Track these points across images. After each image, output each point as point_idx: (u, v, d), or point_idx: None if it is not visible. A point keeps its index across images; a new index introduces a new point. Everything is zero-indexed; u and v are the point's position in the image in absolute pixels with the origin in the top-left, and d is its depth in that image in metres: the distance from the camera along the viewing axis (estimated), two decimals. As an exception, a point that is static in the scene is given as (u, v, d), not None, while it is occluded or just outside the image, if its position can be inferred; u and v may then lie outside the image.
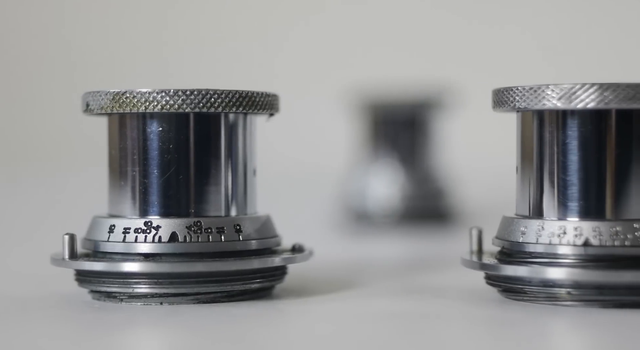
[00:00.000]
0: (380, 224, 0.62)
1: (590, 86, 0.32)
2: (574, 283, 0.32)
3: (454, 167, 0.69)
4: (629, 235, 0.32)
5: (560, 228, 0.32)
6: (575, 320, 0.31)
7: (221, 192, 0.34)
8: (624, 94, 0.32)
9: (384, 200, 0.63)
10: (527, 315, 0.32)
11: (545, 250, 0.33)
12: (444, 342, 0.29)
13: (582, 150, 0.33)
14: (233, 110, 0.33)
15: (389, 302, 0.34)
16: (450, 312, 0.33)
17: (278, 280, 0.35)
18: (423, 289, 0.37)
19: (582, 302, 0.32)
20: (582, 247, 0.32)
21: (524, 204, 0.34)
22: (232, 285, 0.33)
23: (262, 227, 0.34)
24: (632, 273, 0.31)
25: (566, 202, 0.33)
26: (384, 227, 0.62)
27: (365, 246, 0.56)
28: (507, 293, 0.34)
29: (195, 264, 0.32)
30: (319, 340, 0.29)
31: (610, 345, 0.29)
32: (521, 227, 0.33)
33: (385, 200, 0.63)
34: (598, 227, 0.32)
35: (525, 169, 0.34)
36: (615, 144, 0.32)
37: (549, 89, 0.32)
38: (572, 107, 0.32)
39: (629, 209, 0.32)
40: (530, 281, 0.33)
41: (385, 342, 0.29)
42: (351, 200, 0.64)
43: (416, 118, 0.64)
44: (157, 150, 0.33)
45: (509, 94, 0.34)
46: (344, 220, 0.64)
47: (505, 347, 0.28)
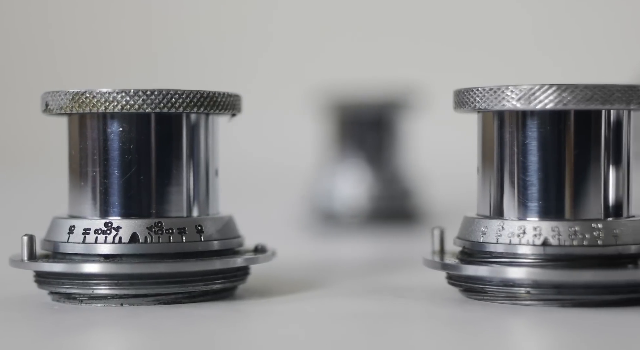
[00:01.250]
0: (347, 224, 0.63)
1: (549, 87, 0.32)
2: (533, 282, 0.32)
3: (420, 167, 0.69)
4: (587, 234, 0.32)
5: (520, 228, 0.33)
6: (534, 319, 0.31)
7: (183, 192, 0.34)
8: (581, 94, 0.32)
9: (351, 201, 0.63)
10: (487, 315, 0.32)
11: (505, 250, 0.33)
12: (405, 341, 0.29)
13: (542, 151, 0.33)
14: (194, 110, 0.33)
15: (352, 302, 0.34)
16: (411, 312, 0.33)
17: (240, 280, 0.35)
18: (386, 289, 0.37)
19: (541, 302, 0.32)
20: (541, 247, 0.32)
21: (484, 204, 0.35)
22: (193, 286, 0.33)
23: (224, 228, 0.34)
24: (590, 272, 0.32)
25: (526, 202, 0.33)
26: (351, 228, 0.62)
27: (332, 246, 0.57)
28: (468, 293, 0.34)
29: (156, 264, 0.32)
30: (279, 340, 0.29)
31: (569, 343, 0.29)
32: (482, 227, 0.34)
33: (352, 201, 0.63)
34: (557, 227, 0.32)
35: (486, 169, 0.34)
36: (574, 144, 0.33)
37: (508, 89, 0.33)
38: (531, 108, 0.32)
39: (588, 208, 0.33)
40: (491, 281, 0.33)
41: (347, 342, 0.29)
42: (318, 201, 0.64)
43: (383, 118, 0.64)
44: (117, 150, 0.33)
45: (469, 95, 0.34)
46: (311, 221, 0.64)
47: (465, 346, 0.29)
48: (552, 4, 0.94)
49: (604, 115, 0.33)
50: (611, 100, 0.32)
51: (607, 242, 0.32)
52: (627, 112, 0.33)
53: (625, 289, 0.32)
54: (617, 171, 0.33)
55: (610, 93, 0.32)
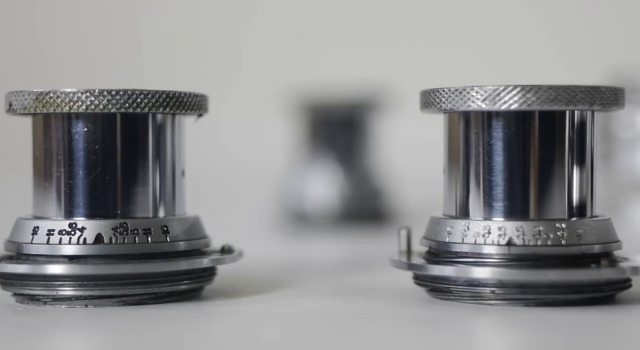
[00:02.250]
0: (318, 225, 0.63)
1: (513, 88, 0.32)
2: (498, 282, 0.32)
3: (391, 167, 0.69)
4: (551, 234, 0.32)
5: (485, 228, 0.33)
6: (499, 319, 0.31)
7: (148, 193, 0.34)
8: (545, 95, 0.32)
9: (322, 201, 0.63)
10: (452, 314, 0.32)
11: (470, 250, 0.33)
12: (369, 341, 0.29)
13: (507, 151, 0.33)
14: (160, 110, 0.33)
15: (318, 302, 0.34)
16: (377, 312, 0.33)
17: (207, 281, 0.35)
18: (353, 289, 0.37)
19: (505, 301, 0.33)
20: (506, 247, 0.32)
21: (450, 204, 0.35)
22: (159, 287, 0.33)
23: (190, 228, 0.34)
24: (554, 272, 0.32)
25: (491, 202, 0.33)
26: (322, 228, 0.62)
27: (302, 246, 0.57)
28: (434, 292, 0.34)
29: (121, 265, 0.32)
30: (244, 341, 0.29)
31: (533, 343, 0.29)
32: (447, 227, 0.34)
33: (324, 201, 0.63)
34: (521, 227, 0.32)
35: (452, 169, 0.35)
36: (539, 144, 0.33)
37: (473, 90, 0.33)
38: (496, 109, 0.33)
39: (552, 209, 0.33)
40: (456, 281, 0.33)
41: (312, 342, 0.29)
42: (289, 201, 0.64)
43: (354, 119, 0.64)
44: (82, 151, 0.33)
45: (435, 96, 0.34)
46: (282, 221, 0.64)
47: (429, 345, 0.29)
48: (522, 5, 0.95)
49: (568, 116, 0.33)
50: (574, 101, 0.32)
51: (571, 241, 0.32)
52: (591, 113, 0.34)
53: (589, 288, 0.32)
54: (581, 171, 0.33)
55: (574, 94, 0.32)
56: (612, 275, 0.32)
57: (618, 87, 0.33)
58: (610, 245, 0.33)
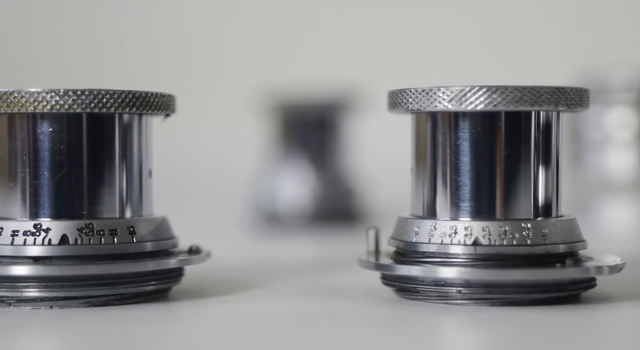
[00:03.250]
0: (290, 225, 0.63)
1: (480, 89, 0.32)
2: (464, 282, 0.33)
3: (363, 167, 0.69)
4: (517, 234, 0.32)
5: (451, 228, 0.33)
6: (465, 318, 0.32)
7: (115, 193, 0.33)
8: (511, 96, 0.32)
9: (294, 201, 0.63)
10: (418, 314, 0.32)
11: (437, 250, 0.33)
12: (336, 341, 0.29)
13: (473, 152, 0.33)
14: (126, 110, 0.33)
15: (285, 303, 0.34)
16: (344, 312, 0.33)
17: (174, 282, 0.35)
18: (321, 289, 0.37)
19: (472, 301, 0.33)
20: (472, 247, 0.33)
21: (418, 204, 0.35)
22: (125, 288, 0.33)
23: (157, 229, 0.34)
24: (519, 271, 0.32)
25: (458, 202, 0.33)
26: (294, 228, 0.62)
27: (274, 247, 0.56)
28: (402, 292, 0.34)
29: (86, 266, 0.32)
30: (209, 341, 0.29)
31: (498, 342, 0.29)
32: (415, 227, 0.34)
33: (296, 201, 0.63)
34: (488, 227, 0.33)
35: (419, 170, 0.35)
36: (505, 145, 0.33)
37: (440, 91, 0.33)
38: (462, 109, 0.33)
39: (518, 209, 0.33)
40: (423, 280, 0.33)
41: (278, 343, 0.29)
42: (261, 201, 0.64)
43: (326, 119, 0.64)
44: (47, 151, 0.33)
45: (402, 96, 0.34)
46: (254, 222, 0.64)
47: (396, 345, 0.29)
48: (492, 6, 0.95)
49: (533, 116, 0.33)
50: (540, 102, 0.33)
51: (536, 241, 0.32)
52: (556, 113, 0.34)
53: (553, 287, 0.33)
54: (547, 172, 0.34)
55: (539, 95, 0.32)
56: (576, 274, 0.32)
57: (582, 88, 0.34)
58: (575, 245, 0.33)
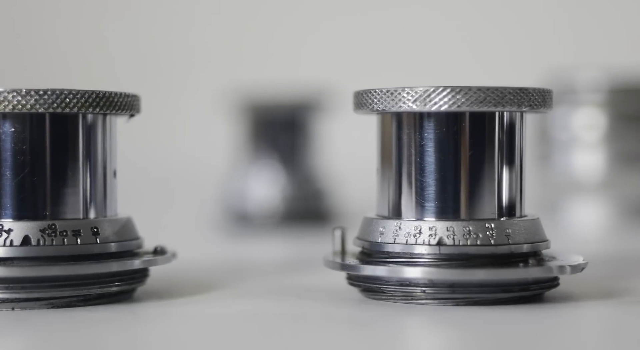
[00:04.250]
0: (260, 225, 0.62)
1: (444, 89, 0.33)
2: (429, 282, 0.33)
3: (333, 168, 0.69)
4: (481, 234, 0.33)
5: (416, 228, 0.33)
6: (429, 318, 0.32)
7: (78, 194, 0.33)
8: (475, 97, 0.33)
9: (265, 201, 0.63)
10: (383, 314, 0.32)
11: (402, 250, 0.33)
12: (300, 342, 0.29)
13: (438, 152, 0.33)
14: (90, 110, 0.33)
15: (251, 303, 0.34)
16: (309, 312, 0.33)
17: (139, 283, 0.34)
18: (287, 290, 0.37)
19: (436, 300, 0.33)
20: (436, 247, 0.33)
21: (383, 204, 0.35)
22: (88, 289, 0.33)
23: (121, 230, 0.34)
24: (483, 271, 0.32)
25: (423, 202, 0.34)
26: (265, 228, 0.62)
27: (244, 247, 0.56)
28: (367, 292, 0.34)
29: (49, 267, 0.32)
30: (173, 342, 0.29)
31: (462, 341, 0.29)
32: (380, 227, 0.34)
33: (266, 201, 0.63)
34: (452, 227, 0.33)
35: (384, 170, 0.35)
36: (469, 145, 0.33)
37: (404, 91, 0.33)
38: (426, 110, 0.33)
39: (482, 209, 0.33)
40: (388, 281, 0.33)
41: (242, 343, 0.29)
42: (231, 202, 0.64)
43: (296, 119, 0.64)
44: (9, 151, 0.32)
45: (367, 97, 0.34)
46: (224, 222, 0.64)
47: (359, 345, 0.29)
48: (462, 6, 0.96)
49: (497, 117, 0.34)
50: (503, 103, 0.33)
51: (500, 241, 0.33)
52: (520, 113, 0.34)
53: (517, 287, 0.33)
54: (511, 172, 0.34)
55: (503, 95, 0.33)
56: (539, 274, 0.33)
57: (546, 89, 0.34)
58: (538, 245, 0.34)
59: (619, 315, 0.33)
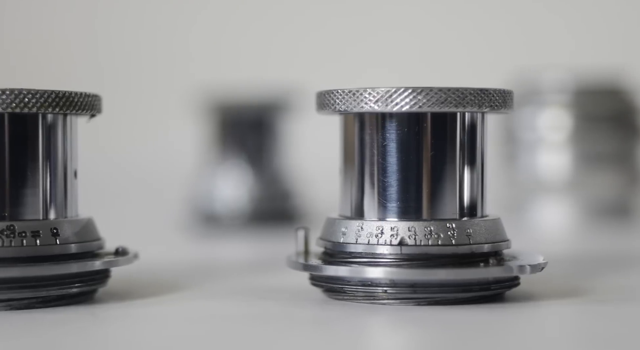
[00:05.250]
0: (228, 226, 0.62)
1: (405, 90, 0.33)
2: (390, 282, 0.33)
3: (301, 168, 0.69)
4: (442, 234, 0.33)
5: (377, 228, 0.33)
6: (390, 318, 0.32)
7: (38, 194, 0.33)
8: (436, 97, 0.33)
9: (232, 202, 0.63)
10: (344, 314, 0.32)
11: (364, 250, 0.33)
12: (261, 342, 0.29)
13: (400, 152, 0.33)
14: (49, 110, 0.33)
15: (213, 304, 0.34)
16: (271, 313, 0.33)
17: (100, 284, 0.34)
18: (251, 290, 0.37)
19: (397, 300, 0.33)
20: (398, 247, 0.33)
21: (346, 205, 0.35)
22: (47, 291, 0.32)
23: (82, 231, 0.34)
24: (444, 271, 0.32)
25: (385, 203, 0.34)
26: (232, 229, 0.62)
27: (211, 248, 0.56)
28: (330, 293, 0.34)
29: (7, 269, 0.31)
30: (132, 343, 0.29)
31: (423, 341, 0.29)
32: (342, 227, 0.34)
33: (233, 202, 0.63)
34: (413, 227, 0.33)
35: (347, 170, 0.35)
36: (431, 146, 0.33)
37: (366, 92, 0.33)
38: (388, 110, 0.33)
39: (443, 209, 0.34)
40: (350, 281, 0.33)
41: (202, 344, 0.29)
42: (199, 202, 0.64)
43: (264, 120, 0.64)
44: (-32, 151, 0.32)
45: (330, 97, 0.34)
46: (191, 223, 0.63)
47: (320, 345, 0.29)
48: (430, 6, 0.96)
49: (459, 117, 0.34)
50: (464, 103, 0.33)
51: (461, 241, 0.33)
52: (481, 114, 0.34)
53: (477, 286, 0.33)
54: (472, 172, 0.34)
55: (463, 96, 0.33)
56: (500, 273, 0.33)
57: (506, 90, 0.34)
58: (499, 245, 0.34)
59: (578, 314, 0.33)
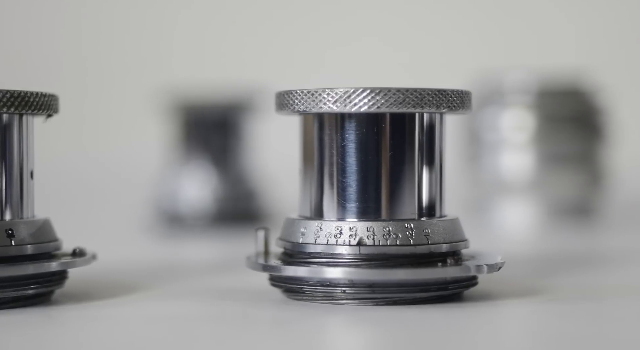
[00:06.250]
0: (192, 226, 0.62)
1: (363, 90, 0.33)
2: (349, 282, 0.33)
3: (266, 168, 0.69)
4: (400, 234, 0.33)
5: (336, 228, 0.33)
6: (348, 318, 0.32)
7: (-7, 195, 0.33)
8: (394, 98, 0.33)
9: (196, 202, 0.63)
10: (302, 314, 0.32)
11: (323, 250, 0.33)
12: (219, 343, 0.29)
13: (359, 153, 0.34)
14: (4, 110, 0.32)
15: (172, 305, 0.34)
16: (230, 314, 0.33)
17: (57, 285, 0.34)
18: (211, 291, 0.37)
19: (356, 301, 0.33)
20: (357, 247, 0.33)
21: (305, 205, 0.35)
22: (2, 292, 0.32)
23: (38, 232, 0.33)
24: (403, 271, 0.32)
25: (344, 203, 0.34)
26: (196, 230, 0.62)
27: (174, 249, 0.56)
28: (289, 293, 0.34)
29: (-39, 271, 0.31)
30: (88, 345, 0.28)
31: (380, 340, 0.29)
32: (301, 228, 0.34)
33: (198, 202, 0.63)
34: (372, 227, 0.33)
35: (307, 170, 0.35)
36: (389, 146, 0.34)
37: (325, 92, 0.33)
38: (347, 111, 0.33)
39: (402, 209, 0.34)
40: (309, 281, 0.33)
41: (159, 346, 0.28)
42: (163, 203, 0.63)
43: (228, 120, 0.64)
44: None
45: (289, 97, 0.34)
46: (155, 223, 0.63)
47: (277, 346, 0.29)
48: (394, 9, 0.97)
49: (417, 118, 0.34)
50: (422, 104, 0.33)
51: (419, 241, 0.33)
52: (439, 115, 0.34)
53: (435, 286, 0.33)
54: (431, 172, 0.34)
55: (422, 97, 0.33)
56: (457, 273, 0.33)
57: (464, 91, 0.34)
58: (457, 245, 0.34)
59: (535, 313, 0.33)
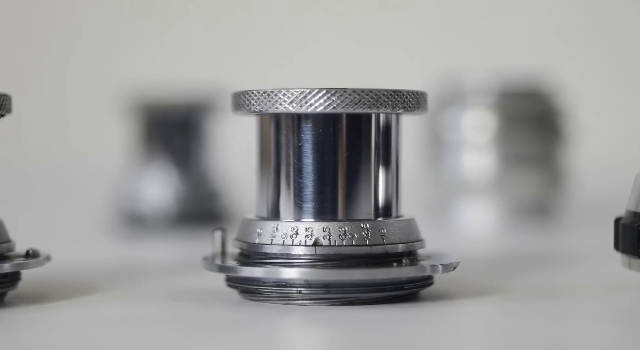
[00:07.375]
0: (153, 227, 0.62)
1: (319, 91, 0.33)
2: (305, 282, 0.33)
3: (228, 168, 0.69)
4: (356, 234, 0.33)
5: (292, 229, 0.33)
6: (303, 319, 0.32)
7: (-56, 196, 0.32)
8: (350, 98, 0.33)
9: (158, 203, 0.62)
10: (258, 315, 0.32)
11: (279, 251, 0.33)
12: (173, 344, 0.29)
13: (315, 153, 0.34)
14: (-45, 110, 0.32)
15: (127, 307, 0.34)
16: (185, 315, 0.33)
17: (9, 287, 0.33)
18: (166, 292, 0.37)
19: (312, 301, 0.33)
20: (312, 247, 0.33)
21: (262, 205, 0.35)
22: (-47, 294, 0.32)
23: (-10, 233, 0.33)
24: (358, 271, 0.32)
25: (300, 203, 0.34)
26: (158, 230, 0.61)
27: (134, 250, 0.55)
28: (245, 294, 0.34)
29: None
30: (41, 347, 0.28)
31: (336, 341, 0.30)
32: (258, 228, 0.34)
33: (159, 203, 0.62)
34: (328, 228, 0.33)
35: (263, 171, 0.35)
36: (346, 146, 0.34)
37: (281, 93, 0.33)
38: (303, 111, 0.33)
39: (358, 209, 0.34)
40: (265, 282, 0.33)
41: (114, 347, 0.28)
42: (124, 203, 0.63)
43: (190, 120, 0.64)
44: None
45: (245, 98, 0.34)
46: (116, 224, 0.63)
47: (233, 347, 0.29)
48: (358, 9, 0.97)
49: (373, 118, 0.34)
50: (378, 104, 0.33)
51: (375, 241, 0.33)
52: (396, 115, 0.34)
53: (391, 286, 0.33)
54: (387, 173, 0.34)
55: (377, 97, 0.33)
56: (413, 273, 0.33)
57: (420, 91, 0.34)
58: (413, 245, 0.34)
59: (491, 312, 0.33)
